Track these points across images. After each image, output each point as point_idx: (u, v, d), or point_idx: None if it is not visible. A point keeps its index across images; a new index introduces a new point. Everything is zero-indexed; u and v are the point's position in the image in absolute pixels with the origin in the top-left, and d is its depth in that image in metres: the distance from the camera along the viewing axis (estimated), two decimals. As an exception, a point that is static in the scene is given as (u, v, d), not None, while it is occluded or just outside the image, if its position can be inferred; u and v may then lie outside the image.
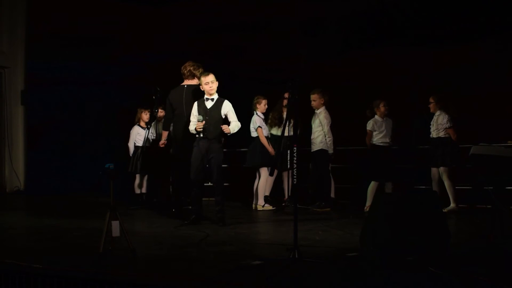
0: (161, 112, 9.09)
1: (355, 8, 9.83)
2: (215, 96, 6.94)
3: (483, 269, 4.36)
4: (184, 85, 7.41)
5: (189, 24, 10.84)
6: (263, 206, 8.50)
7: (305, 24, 10.34)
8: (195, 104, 6.99)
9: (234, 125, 6.90)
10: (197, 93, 7.14)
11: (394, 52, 9.70)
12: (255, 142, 8.55)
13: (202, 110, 6.90)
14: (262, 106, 8.61)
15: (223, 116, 6.93)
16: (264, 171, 8.51)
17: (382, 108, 8.30)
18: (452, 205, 7.94)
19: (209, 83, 6.86)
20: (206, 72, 6.96)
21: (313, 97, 8.47)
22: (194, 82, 7.37)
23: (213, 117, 6.87)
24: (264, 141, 8.44)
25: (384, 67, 9.68)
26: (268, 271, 4.41)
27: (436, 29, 9.58)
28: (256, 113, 8.57)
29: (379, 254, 4.58)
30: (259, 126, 8.47)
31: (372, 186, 8.20)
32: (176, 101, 7.37)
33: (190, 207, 7.15)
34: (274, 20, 10.44)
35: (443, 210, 6.38)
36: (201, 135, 6.83)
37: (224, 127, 6.81)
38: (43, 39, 11.27)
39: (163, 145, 7.86)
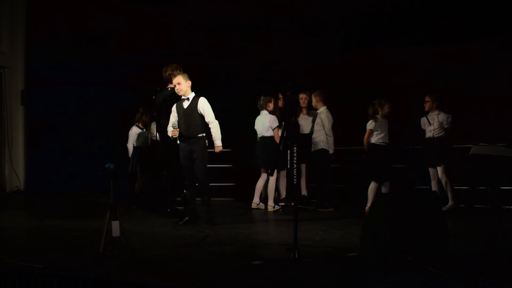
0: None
1: (355, 8, 9.84)
2: (191, 95, 6.95)
3: (483, 269, 4.37)
4: (168, 87, 7.46)
5: (189, 24, 10.83)
6: (273, 207, 8.44)
7: (305, 24, 10.33)
8: (174, 106, 7.04)
9: (215, 133, 6.89)
10: (176, 96, 7.20)
11: (394, 52, 9.71)
12: (264, 142, 8.42)
13: (180, 110, 6.94)
14: (272, 105, 8.58)
15: (201, 113, 6.90)
16: (274, 172, 8.42)
17: (386, 109, 8.26)
18: (450, 202, 7.95)
19: (176, 86, 6.90)
20: (177, 73, 6.99)
21: (313, 95, 8.51)
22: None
23: (191, 116, 6.88)
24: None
25: (384, 67, 9.68)
26: (268, 271, 4.41)
27: (436, 29, 9.58)
28: (269, 113, 8.51)
29: (379, 254, 4.58)
30: (277, 126, 8.41)
31: (372, 186, 8.19)
32: (159, 103, 7.47)
33: (182, 208, 7.19)
34: (274, 20, 10.44)
35: (442, 209, 6.38)
36: (178, 142, 6.89)
37: (217, 148, 6.89)
38: (43, 39, 11.26)
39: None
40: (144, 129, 9.10)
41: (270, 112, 8.54)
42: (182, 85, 6.88)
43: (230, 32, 10.75)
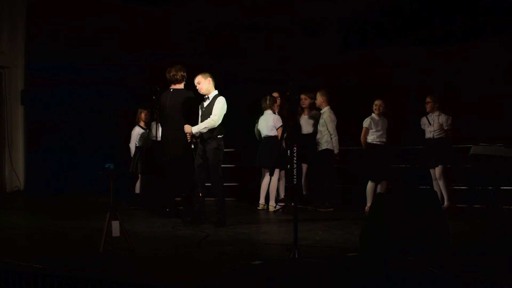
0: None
1: (355, 8, 9.83)
2: (211, 95, 6.97)
3: (483, 269, 4.37)
4: (171, 88, 7.50)
5: (189, 24, 10.83)
6: (275, 206, 8.44)
7: (305, 24, 10.33)
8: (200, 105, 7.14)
9: (204, 123, 6.82)
10: (181, 96, 7.31)
11: (394, 52, 9.70)
12: (268, 141, 8.37)
13: (201, 109, 7.03)
14: (278, 105, 8.58)
15: None
16: (276, 172, 8.41)
17: (374, 107, 8.33)
18: (446, 203, 7.95)
19: (197, 86, 6.99)
20: (200, 73, 7.02)
21: (319, 94, 8.53)
22: (179, 86, 7.54)
23: (208, 115, 6.90)
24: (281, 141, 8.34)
25: (384, 67, 9.67)
26: (268, 271, 4.42)
27: (436, 29, 9.58)
28: (274, 113, 8.49)
29: (379, 254, 4.58)
30: (281, 126, 8.34)
31: (370, 186, 8.21)
32: (163, 103, 7.50)
33: (183, 208, 7.21)
34: (274, 20, 10.43)
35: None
36: (192, 146, 6.95)
37: (186, 127, 6.86)
38: (43, 39, 11.26)
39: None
40: (147, 129, 9.10)
41: (275, 112, 8.56)
42: (201, 84, 6.95)
43: (230, 32, 10.74)
